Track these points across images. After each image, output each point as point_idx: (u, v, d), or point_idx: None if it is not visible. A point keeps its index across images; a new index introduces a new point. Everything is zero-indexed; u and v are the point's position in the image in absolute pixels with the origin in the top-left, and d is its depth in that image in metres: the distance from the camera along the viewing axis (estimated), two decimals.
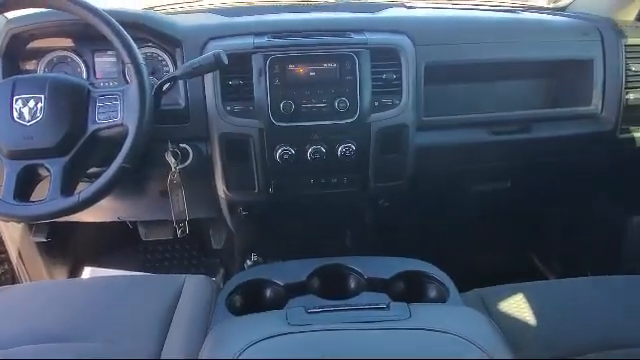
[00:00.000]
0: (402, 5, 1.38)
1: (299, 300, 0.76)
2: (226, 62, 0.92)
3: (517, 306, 0.93)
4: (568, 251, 1.58)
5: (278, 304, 0.79)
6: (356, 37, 1.07)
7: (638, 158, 1.25)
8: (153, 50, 1.11)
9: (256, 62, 1.03)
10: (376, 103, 1.07)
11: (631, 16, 1.26)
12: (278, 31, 1.10)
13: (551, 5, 1.51)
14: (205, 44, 1.08)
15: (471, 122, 1.19)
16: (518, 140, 1.20)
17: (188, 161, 1.08)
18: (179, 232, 1.15)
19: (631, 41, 1.19)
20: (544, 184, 1.40)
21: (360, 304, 0.72)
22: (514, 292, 0.96)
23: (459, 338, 0.58)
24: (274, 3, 1.38)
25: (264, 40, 1.06)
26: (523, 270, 1.61)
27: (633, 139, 1.23)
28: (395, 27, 1.14)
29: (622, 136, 1.22)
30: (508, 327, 0.88)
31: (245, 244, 1.38)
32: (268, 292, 0.84)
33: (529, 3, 1.61)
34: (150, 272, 1.71)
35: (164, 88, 1.03)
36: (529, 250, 1.69)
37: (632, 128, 1.22)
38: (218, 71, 1.02)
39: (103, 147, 0.95)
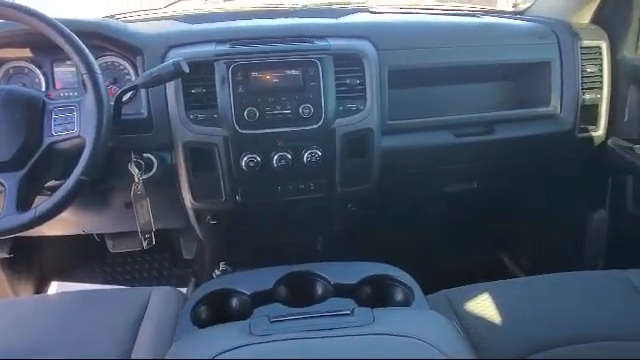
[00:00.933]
0: (366, 10, 1.39)
1: (264, 309, 0.75)
2: (187, 70, 0.91)
3: (483, 306, 0.94)
4: (535, 249, 1.62)
5: (244, 314, 0.78)
6: (319, 43, 1.08)
7: (595, 156, 1.29)
8: (114, 59, 1.09)
9: (218, 70, 1.02)
10: (340, 108, 1.07)
11: (586, 19, 1.30)
12: (240, 38, 1.10)
13: (511, 9, 1.55)
14: (166, 52, 1.06)
15: (435, 125, 1.20)
16: (482, 141, 1.23)
17: (152, 171, 1.06)
18: (145, 244, 1.12)
19: (586, 43, 1.23)
20: (509, 184, 1.43)
21: (325, 311, 0.71)
22: (480, 292, 0.97)
23: (420, 341, 0.59)
24: (237, 10, 1.37)
25: (226, 47, 1.05)
26: (493, 269, 1.63)
27: (590, 138, 1.26)
28: (358, 33, 1.15)
29: (580, 135, 1.25)
30: (474, 327, 0.89)
31: (215, 253, 1.36)
32: (234, 302, 0.83)
33: (491, 7, 1.65)
34: (120, 284, 1.67)
35: (124, 98, 1.01)
36: (498, 249, 1.72)
37: (589, 127, 1.26)
38: (180, 79, 1.01)
39: (61, 160, 0.92)
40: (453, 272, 1.22)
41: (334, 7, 1.42)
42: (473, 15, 1.42)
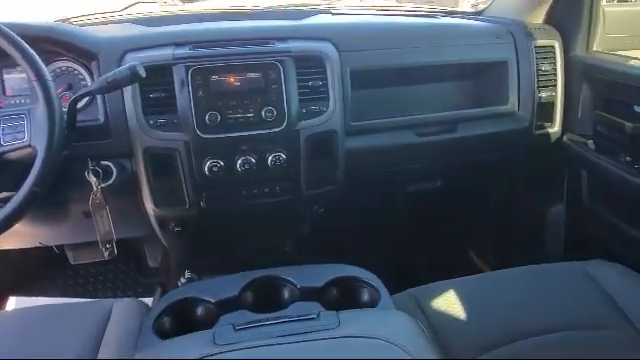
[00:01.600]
0: (328, 12, 1.39)
1: (229, 317, 0.74)
2: (143, 75, 0.89)
3: (449, 302, 0.96)
4: (499, 244, 1.66)
5: (209, 323, 0.76)
6: (280, 45, 1.07)
7: (552, 151, 1.33)
8: (68, 64, 1.06)
9: (177, 73, 1.00)
10: (304, 110, 1.07)
11: (539, 19, 1.34)
12: (200, 41, 1.08)
13: (470, 10, 1.58)
14: (122, 56, 1.03)
15: (399, 125, 1.22)
16: (444, 140, 1.25)
17: (111, 179, 1.03)
18: (106, 254, 1.09)
19: (540, 42, 1.27)
20: (472, 180, 1.46)
21: (291, 316, 0.71)
22: (446, 289, 0.99)
23: (385, 342, 0.59)
24: (196, 12, 1.35)
25: (185, 51, 1.03)
26: (459, 265, 1.66)
27: (547, 134, 1.30)
28: (319, 34, 1.15)
29: (537, 132, 1.29)
30: (440, 323, 0.90)
31: (181, 260, 1.33)
32: (199, 311, 0.82)
33: (451, 7, 1.68)
34: (84, 297, 1.62)
35: (80, 104, 0.98)
36: (464, 245, 1.75)
37: (546, 124, 1.30)
38: (138, 84, 0.99)
39: (12, 170, 0.88)
40: (420, 270, 1.24)
41: (295, 9, 1.41)
42: (432, 16, 1.45)
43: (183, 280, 1.19)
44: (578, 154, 1.27)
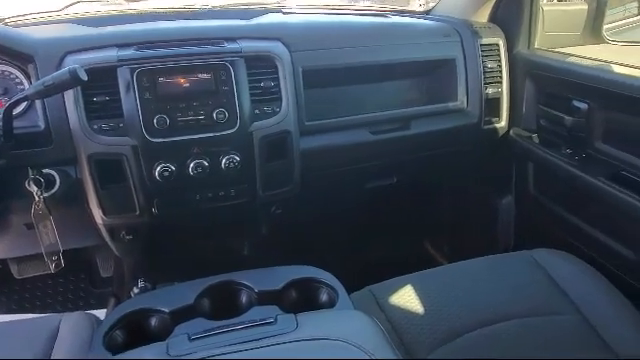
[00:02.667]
0: (279, 11, 1.38)
1: (185, 327, 0.72)
2: (85, 78, 0.85)
3: (407, 297, 0.97)
4: (454, 237, 1.71)
5: (164, 334, 0.74)
6: (229, 46, 1.05)
7: (500, 145, 1.38)
8: (3, 67, 1.00)
9: (122, 76, 0.96)
10: (256, 111, 1.06)
11: (484, 18, 1.39)
12: (145, 42, 1.04)
13: (420, 9, 1.61)
14: (62, 59, 0.99)
15: (353, 124, 1.22)
16: (398, 137, 1.27)
17: (55, 188, 0.99)
18: (52, 267, 1.04)
19: (485, 41, 1.31)
20: (426, 176, 1.49)
21: (248, 321, 0.70)
22: (404, 284, 1.00)
23: (343, 343, 0.59)
24: (142, 12, 1.30)
25: (130, 52, 0.99)
26: (418, 260, 1.70)
27: (495, 129, 1.35)
28: (269, 34, 1.14)
29: (486, 127, 1.34)
30: (399, 319, 0.92)
31: (135, 269, 1.29)
32: (153, 322, 0.79)
33: (402, 7, 1.71)
34: (32, 312, 1.53)
35: (16, 110, 0.93)
36: (422, 239, 1.79)
37: (493, 119, 1.35)
38: (79, 87, 0.94)
39: None
40: (380, 266, 1.25)
41: (245, 8, 1.39)
42: (383, 15, 1.47)
43: (136, 290, 1.15)
44: (524, 147, 1.33)
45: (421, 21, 1.42)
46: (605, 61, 1.13)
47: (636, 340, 0.86)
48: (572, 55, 1.22)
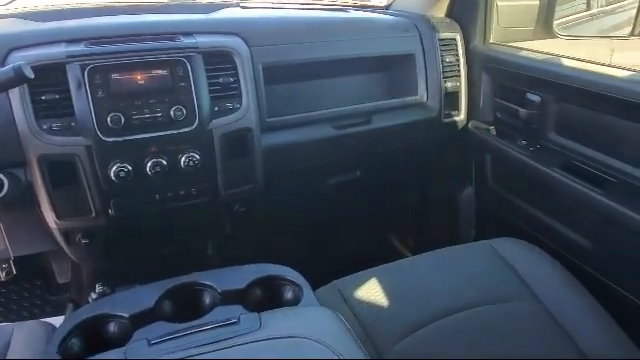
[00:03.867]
0: (237, 5, 1.36)
1: (144, 331, 0.70)
2: (31, 76, 0.80)
3: (371, 290, 0.98)
4: (418, 229, 1.74)
5: (123, 340, 0.71)
6: (186, 41, 1.02)
7: (459, 138, 1.41)
8: None
9: (72, 73, 0.92)
10: (216, 108, 1.04)
11: (441, 13, 1.41)
12: (97, 37, 1.00)
13: (379, 4, 1.62)
14: (6, 56, 0.93)
15: (315, 119, 1.22)
16: (361, 132, 1.27)
17: (3, 192, 0.94)
18: (3, 275, 0.99)
19: (443, 35, 1.33)
20: (389, 170, 1.50)
21: (211, 322, 0.68)
22: (368, 277, 1.01)
23: (307, 340, 0.59)
24: (94, 6, 1.25)
25: (80, 48, 0.95)
26: (383, 253, 1.71)
27: (454, 122, 1.38)
28: (227, 29, 1.11)
29: (445, 120, 1.36)
30: (363, 312, 0.92)
31: (93, 274, 1.24)
32: (111, 327, 0.76)
33: (362, 2, 1.71)
34: None
35: None
36: (386, 232, 1.81)
37: (453, 113, 1.37)
38: (26, 86, 0.90)
39: None
40: (346, 261, 1.26)
41: (203, 3, 1.36)
42: (343, 10, 1.47)
43: (94, 295, 1.11)
44: (482, 140, 1.36)
45: (381, 16, 1.43)
46: (556, 55, 1.17)
47: (591, 324, 0.89)
48: (525, 49, 1.26)
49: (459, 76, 1.36)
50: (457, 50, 1.36)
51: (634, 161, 1.00)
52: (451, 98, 1.36)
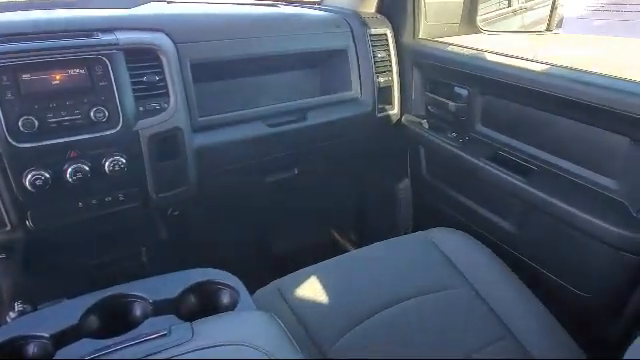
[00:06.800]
0: (162, 0, 1.30)
1: (67, 350, 0.65)
2: None
3: (311, 288, 0.98)
4: (359, 222, 1.76)
5: None
6: (104, 38, 0.96)
7: (394, 132, 1.44)
8: None
9: None
10: (141, 109, 0.99)
11: (372, 9, 1.42)
12: (5, 34, 0.92)
13: None
14: None
15: (249, 117, 1.19)
16: (296, 129, 1.26)
17: None
18: None
19: (374, 31, 1.35)
20: (327, 165, 1.51)
21: (140, 336, 0.65)
22: (308, 275, 1.01)
23: (240, 347, 0.57)
24: (4, 1, 1.15)
25: None
26: (327, 248, 1.72)
27: (388, 116, 1.40)
28: (151, 25, 1.06)
29: (380, 115, 1.38)
30: (303, 311, 0.92)
31: (13, 291, 1.14)
32: (31, 349, 0.70)
33: None
34: None
35: None
36: (329, 228, 1.82)
37: (387, 107, 1.40)
38: None
39: None
40: (289, 260, 1.25)
41: None
42: (274, 5, 1.44)
43: (13, 315, 1.03)
44: (415, 133, 1.39)
45: (312, 11, 1.43)
46: (479, 50, 1.22)
47: (519, 307, 0.94)
48: (451, 44, 1.30)
49: (391, 71, 1.39)
50: (388, 45, 1.38)
51: (553, 150, 1.07)
52: (384, 93, 1.38)
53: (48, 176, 0.90)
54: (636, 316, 0.94)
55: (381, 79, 1.36)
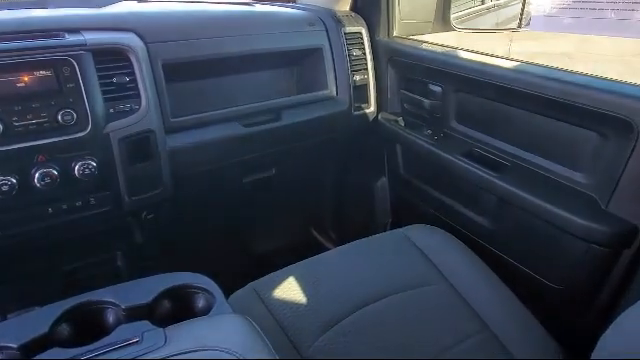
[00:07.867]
0: None
1: None
2: None
3: (289, 289, 0.97)
4: (338, 220, 1.76)
5: None
6: (71, 38, 0.94)
7: (371, 130, 1.44)
8: None
9: None
10: (111, 110, 0.97)
11: (346, 7, 1.42)
12: None
13: None
14: None
15: (223, 117, 1.18)
16: (271, 129, 1.25)
17: None
18: None
19: (349, 29, 1.35)
20: (304, 164, 1.50)
21: (112, 343, 0.63)
22: (286, 276, 1.00)
23: (214, 351, 0.56)
24: None
25: None
26: (306, 248, 1.72)
27: (365, 115, 1.40)
28: (120, 24, 1.04)
29: (356, 113, 1.38)
30: (281, 312, 0.91)
31: None
32: None
33: None
34: None
35: None
36: (309, 227, 1.81)
37: (363, 105, 1.40)
38: None
39: None
40: (268, 261, 1.24)
41: None
42: (247, 4, 1.43)
43: None
44: (391, 131, 1.40)
45: (287, 10, 1.42)
46: (452, 47, 1.23)
47: (495, 301, 0.96)
48: (425, 42, 1.31)
49: (367, 69, 1.39)
50: (363, 44, 1.38)
51: (525, 145, 1.08)
52: (360, 91, 1.38)
53: (15, 181, 0.88)
54: (606, 306, 0.96)
55: (357, 77, 1.36)
